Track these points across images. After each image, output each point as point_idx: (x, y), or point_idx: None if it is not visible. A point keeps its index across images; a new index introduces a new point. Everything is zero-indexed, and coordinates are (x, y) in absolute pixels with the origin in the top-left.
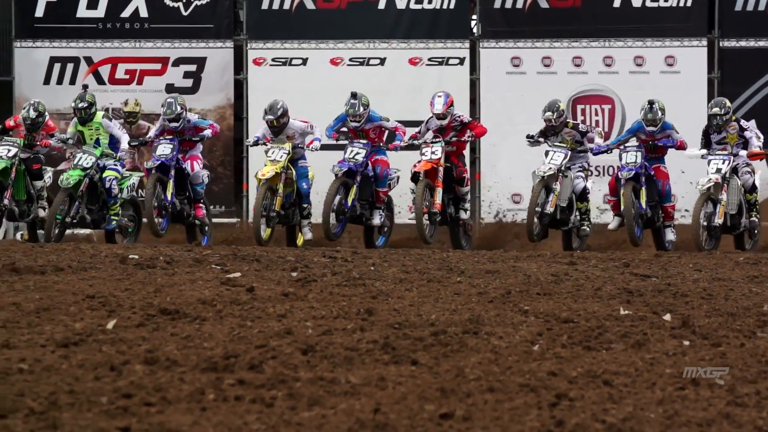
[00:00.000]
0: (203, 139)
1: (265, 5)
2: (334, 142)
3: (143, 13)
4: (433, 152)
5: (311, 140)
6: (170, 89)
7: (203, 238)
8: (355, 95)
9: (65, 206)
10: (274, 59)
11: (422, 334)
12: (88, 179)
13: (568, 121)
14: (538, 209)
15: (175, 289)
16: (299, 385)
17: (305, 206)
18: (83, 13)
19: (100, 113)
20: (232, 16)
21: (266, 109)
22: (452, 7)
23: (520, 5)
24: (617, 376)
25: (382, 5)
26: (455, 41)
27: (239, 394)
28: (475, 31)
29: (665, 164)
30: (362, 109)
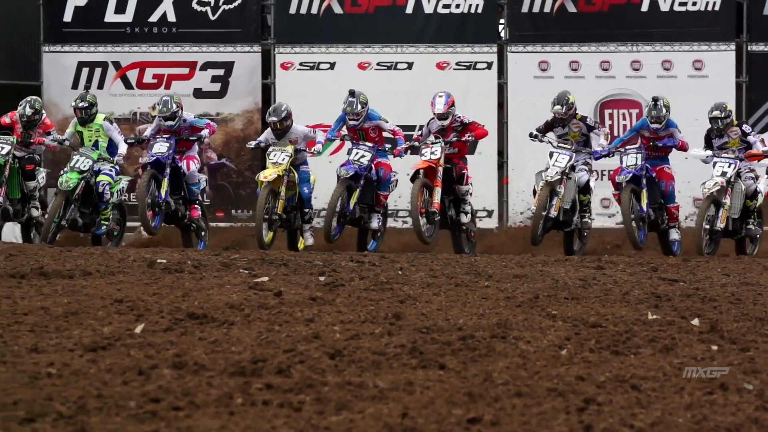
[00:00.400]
0: (200, 139)
1: (292, 9)
2: (338, 141)
3: (171, 17)
4: (432, 152)
5: (313, 142)
6: (198, 94)
7: (199, 242)
8: (353, 93)
9: (61, 209)
10: (301, 63)
11: (450, 338)
12: (84, 182)
13: (576, 113)
14: (543, 213)
15: (203, 293)
16: (327, 389)
17: (306, 211)
18: (111, 17)
19: (101, 115)
20: (259, 20)
21: (270, 111)
22: (480, 11)
23: (548, 9)
24: (645, 380)
25: (409, 9)
26: (483, 45)
27: (267, 398)
28: (502, 35)
29: (669, 164)
30: (360, 107)
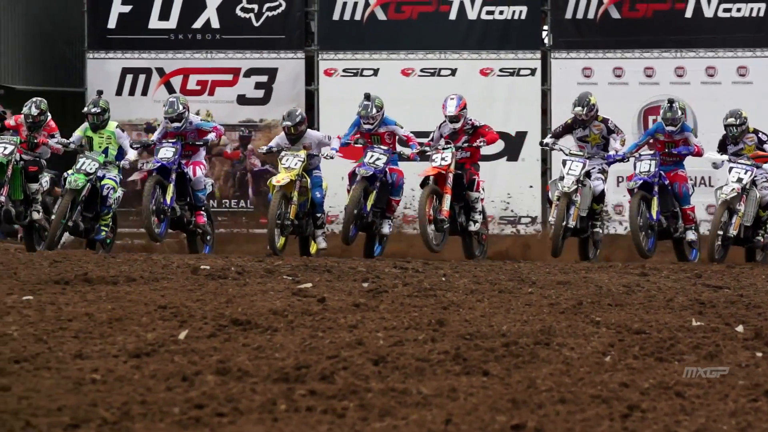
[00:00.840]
0: (207, 143)
1: (336, 16)
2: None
3: (215, 24)
4: (443, 158)
5: (327, 147)
6: (242, 100)
7: (205, 247)
8: (368, 97)
9: (66, 209)
10: (345, 70)
11: (493, 344)
12: (90, 185)
13: (598, 114)
14: (563, 224)
15: (246, 299)
16: (371, 395)
17: (319, 216)
18: (155, 24)
19: (113, 123)
20: (303, 26)
21: (284, 115)
22: (523, 17)
23: (591, 16)
24: (689, 387)
25: (453, 16)
26: (526, 52)
27: (311, 404)
28: (546, 41)
29: (684, 168)
30: (375, 111)
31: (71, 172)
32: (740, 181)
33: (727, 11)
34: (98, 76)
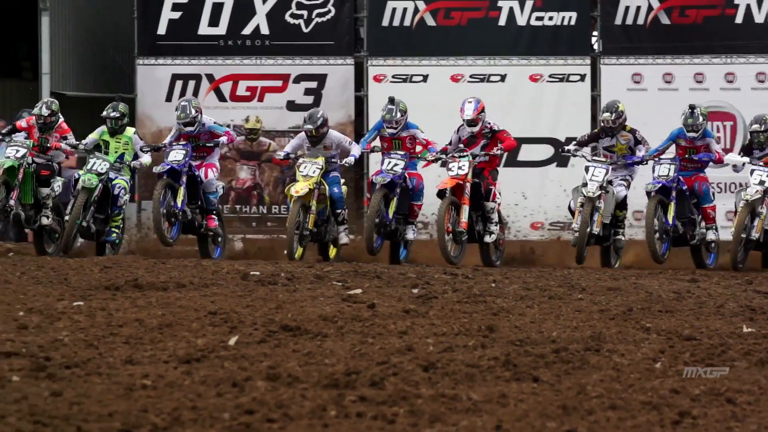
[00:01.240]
0: (218, 145)
1: (385, 22)
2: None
3: (264, 30)
4: (459, 167)
5: (347, 152)
6: (291, 106)
7: (216, 249)
8: (392, 100)
9: (81, 210)
10: (394, 76)
11: (543, 351)
12: (101, 185)
13: (626, 124)
14: (587, 230)
15: (296, 305)
16: (421, 401)
17: (340, 212)
18: (204, 30)
19: (131, 129)
20: (352, 32)
21: (305, 118)
22: (573, 23)
23: (641, 21)
24: (740, 394)
25: (502, 22)
26: (576, 58)
27: (361, 410)
28: (596, 47)
29: (704, 173)
30: (399, 115)
31: (83, 172)
32: (762, 183)
33: None
34: (148, 82)
